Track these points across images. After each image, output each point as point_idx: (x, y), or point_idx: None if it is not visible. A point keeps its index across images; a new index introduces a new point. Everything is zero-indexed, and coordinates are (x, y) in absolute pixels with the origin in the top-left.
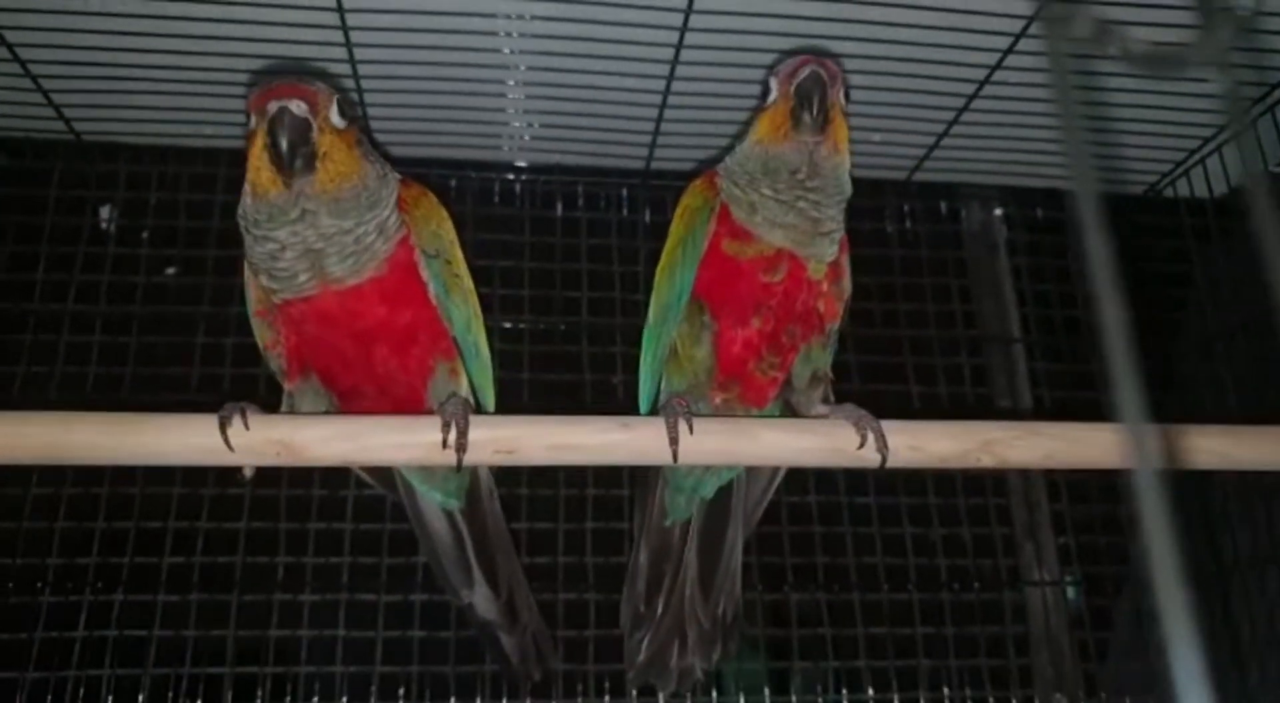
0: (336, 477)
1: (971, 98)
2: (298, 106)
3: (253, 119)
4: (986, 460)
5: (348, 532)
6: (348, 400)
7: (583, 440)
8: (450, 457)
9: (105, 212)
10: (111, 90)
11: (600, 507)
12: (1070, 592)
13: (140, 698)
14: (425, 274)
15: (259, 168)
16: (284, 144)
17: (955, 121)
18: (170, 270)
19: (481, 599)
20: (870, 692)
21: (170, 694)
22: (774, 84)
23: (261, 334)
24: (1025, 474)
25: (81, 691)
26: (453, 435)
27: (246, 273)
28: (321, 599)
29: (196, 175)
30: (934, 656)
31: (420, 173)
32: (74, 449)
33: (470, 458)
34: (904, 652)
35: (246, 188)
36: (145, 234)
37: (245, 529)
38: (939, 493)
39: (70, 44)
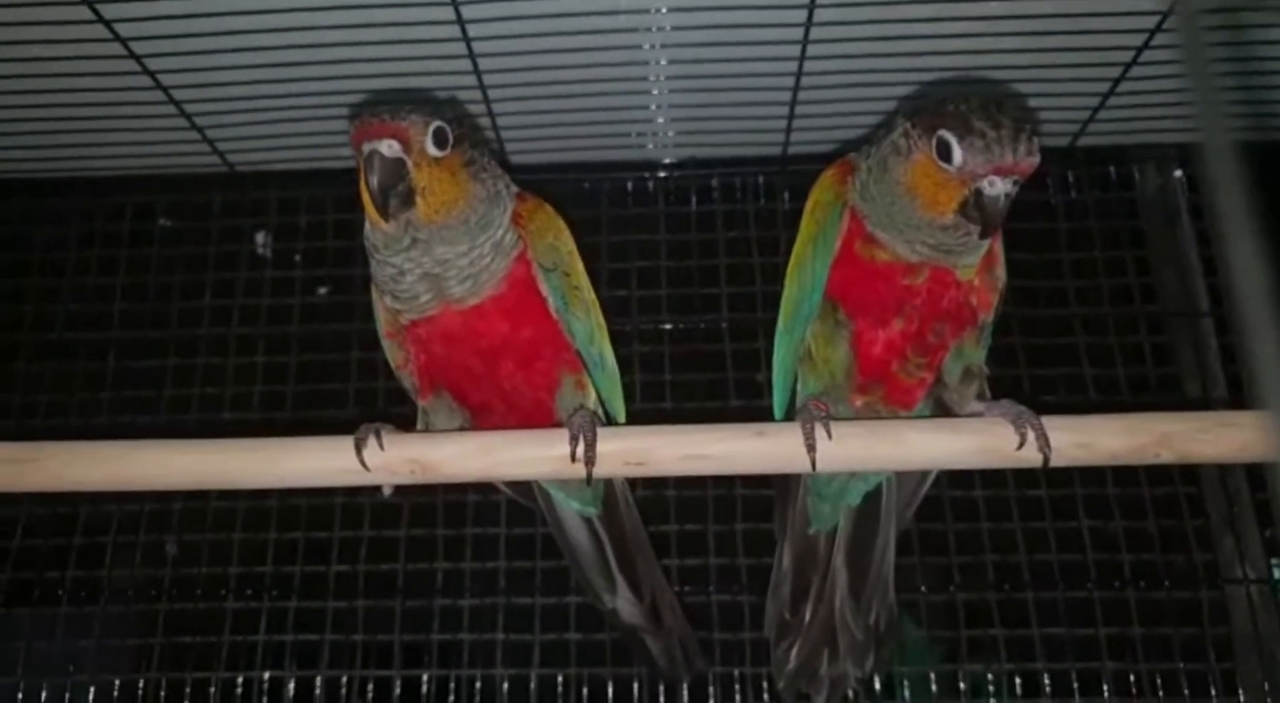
0: (486, 483)
1: (1142, 48)
2: (389, 147)
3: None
4: (1166, 456)
5: (502, 536)
6: (479, 415)
7: (715, 450)
8: (580, 470)
9: (260, 237)
10: (258, 121)
11: (750, 507)
12: None
13: (316, 695)
14: (544, 288)
15: (367, 202)
16: (375, 188)
17: (1124, 76)
18: (322, 290)
19: (625, 604)
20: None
21: (344, 693)
22: (955, 147)
23: (393, 355)
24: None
25: (265, 687)
26: (581, 448)
27: (374, 294)
28: (480, 603)
29: (341, 197)
30: (1120, 659)
31: (550, 179)
32: (223, 476)
33: (600, 470)
34: (1087, 654)
35: (365, 219)
36: (298, 257)
37: (405, 537)
38: (1119, 483)
39: (217, 81)
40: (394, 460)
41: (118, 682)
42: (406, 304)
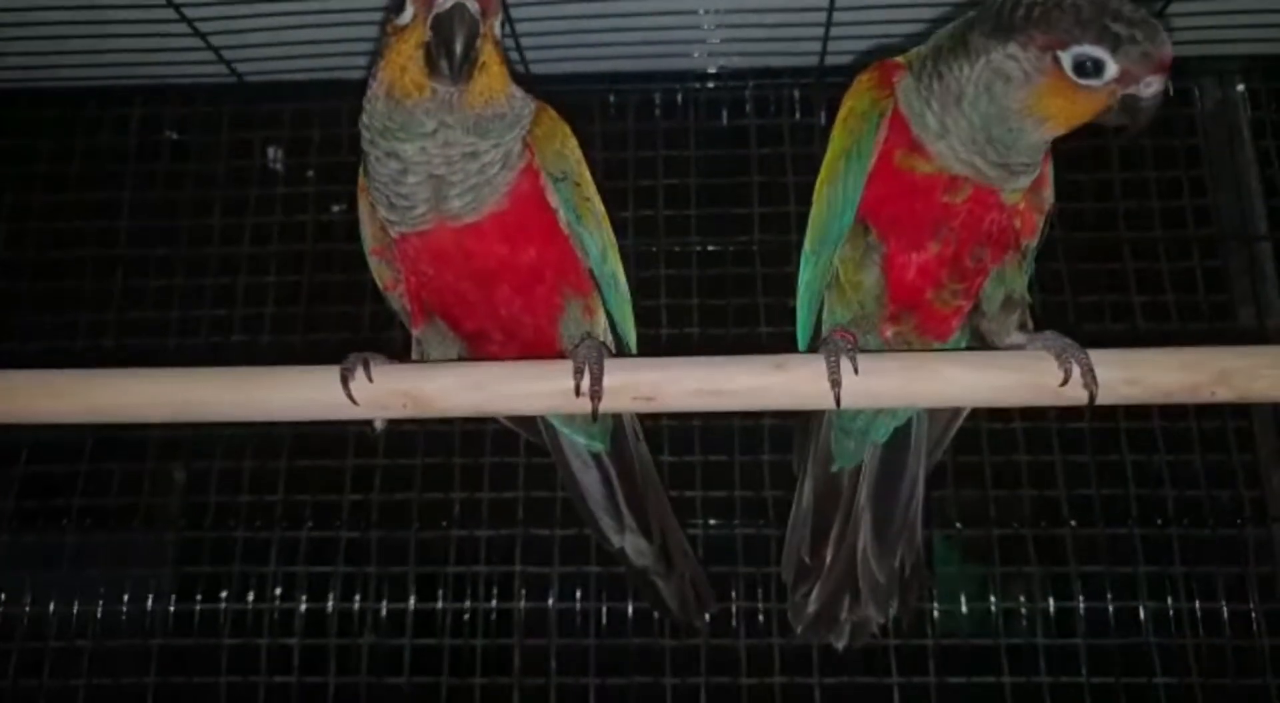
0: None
1: None
2: (473, 4)
3: (408, 11)
4: (1223, 394)
5: (521, 465)
6: (475, 344)
7: (731, 385)
8: (585, 405)
9: (272, 152)
10: (266, 28)
11: (777, 438)
12: None
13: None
14: (554, 201)
15: (404, 68)
16: (459, 44)
17: None
18: (336, 208)
19: (633, 545)
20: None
21: (356, 625)
22: (1108, 61)
23: (380, 273)
24: None
25: (276, 617)
26: (586, 382)
27: (362, 206)
28: (497, 534)
29: (356, 108)
30: (1159, 598)
31: (571, 90)
32: (197, 406)
33: (607, 405)
34: (1125, 594)
35: (378, 91)
36: (310, 172)
37: (421, 465)
38: (1165, 416)
39: None
40: (383, 394)
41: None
42: (399, 214)
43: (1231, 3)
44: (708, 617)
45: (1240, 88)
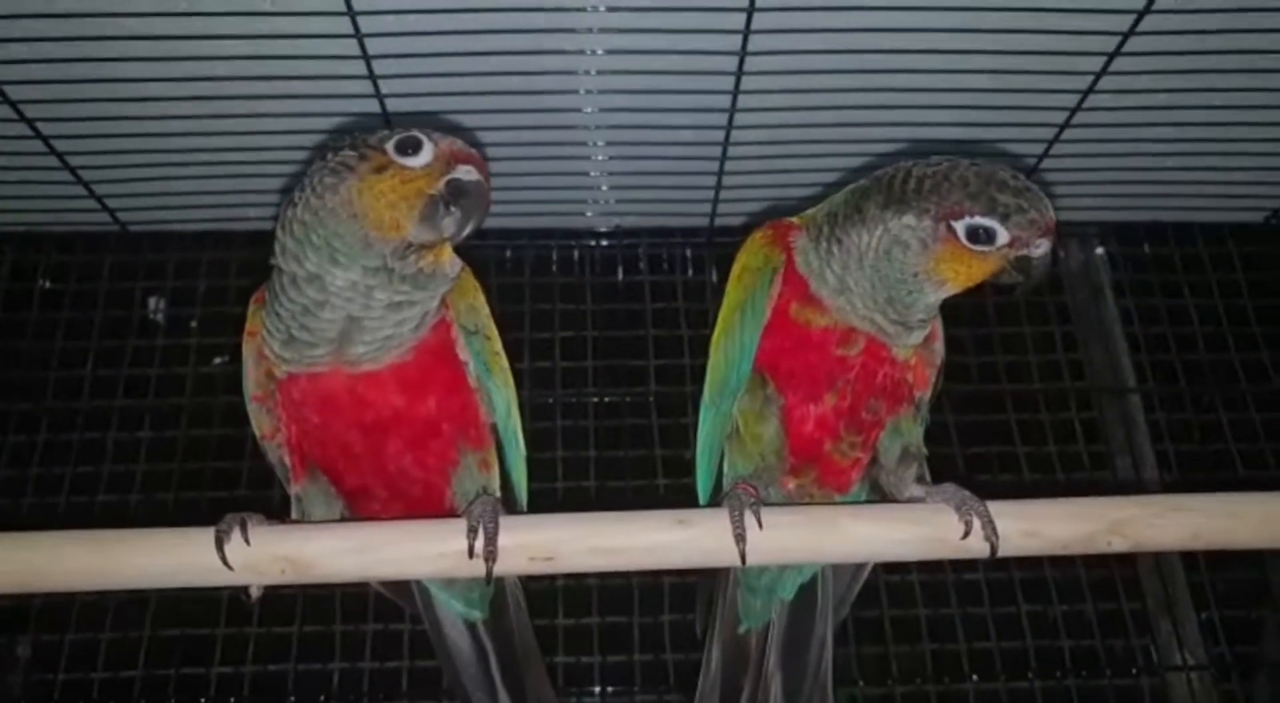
0: None
1: (1062, 128)
2: (485, 181)
3: (424, 155)
4: (1119, 545)
5: (406, 633)
6: (357, 502)
7: (632, 542)
8: (478, 567)
9: (154, 302)
10: (152, 177)
11: (679, 597)
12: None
13: None
14: (465, 354)
15: (395, 203)
16: (476, 216)
17: (1045, 154)
18: (219, 360)
19: None
20: None
21: None
22: (999, 229)
23: (259, 422)
24: None
25: None
26: (480, 542)
27: (247, 351)
28: None
29: (244, 260)
30: None
31: (470, 244)
32: (61, 576)
33: (502, 567)
34: None
35: (335, 207)
36: (194, 323)
37: (298, 634)
38: (1056, 565)
39: (103, 132)
40: (261, 558)
41: None
42: (294, 351)
43: (1089, 174)
44: None
45: (1100, 251)
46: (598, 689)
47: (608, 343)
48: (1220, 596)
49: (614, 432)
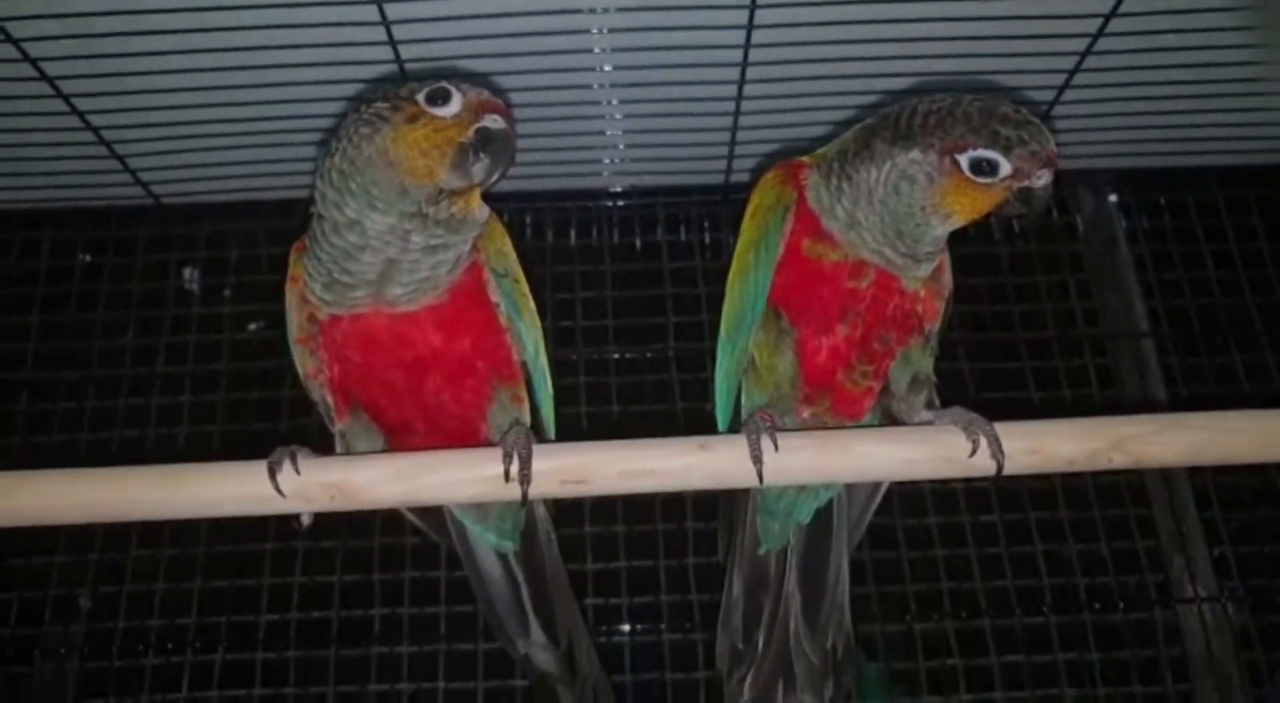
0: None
1: (1072, 73)
2: (511, 129)
3: (453, 105)
4: (1120, 460)
5: (442, 579)
6: (397, 437)
7: (658, 465)
8: (514, 490)
9: (188, 273)
10: (182, 150)
11: (702, 541)
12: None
13: None
14: (495, 295)
15: (427, 151)
16: (504, 162)
17: (1056, 100)
18: (253, 326)
19: (539, 649)
20: None
21: None
22: (1001, 161)
23: (302, 363)
24: (1168, 480)
25: None
26: (515, 466)
27: (289, 293)
28: (419, 651)
29: (274, 228)
30: (1079, 684)
31: (493, 208)
32: (124, 505)
33: (536, 490)
34: (1045, 681)
35: (370, 155)
36: (227, 292)
37: (340, 583)
38: (1071, 506)
39: (136, 106)
40: (311, 486)
41: None
42: (335, 294)
43: (1101, 120)
44: None
45: (1113, 198)
46: (626, 627)
47: (628, 302)
48: (1233, 533)
49: (635, 387)
